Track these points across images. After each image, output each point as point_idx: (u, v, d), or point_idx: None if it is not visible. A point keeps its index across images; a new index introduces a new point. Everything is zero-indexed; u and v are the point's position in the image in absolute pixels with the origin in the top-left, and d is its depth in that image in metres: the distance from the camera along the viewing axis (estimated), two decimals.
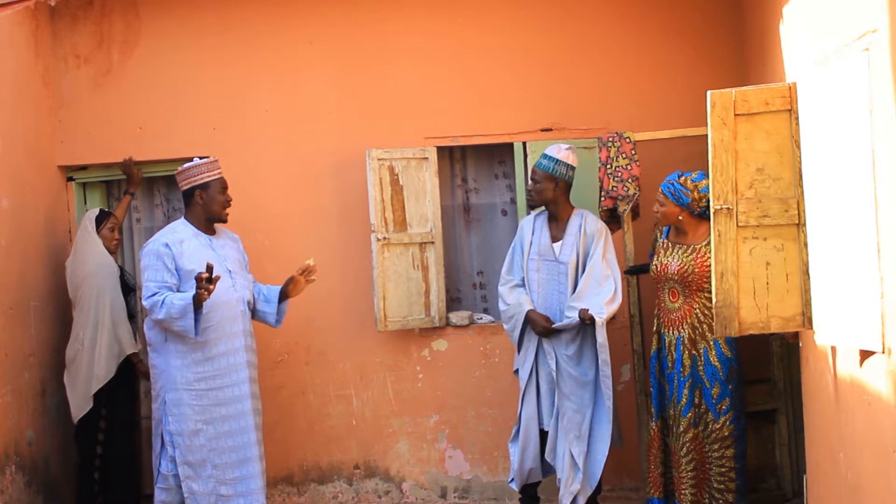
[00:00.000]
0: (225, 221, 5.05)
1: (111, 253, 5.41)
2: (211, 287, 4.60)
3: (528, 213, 5.44)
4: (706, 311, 4.78)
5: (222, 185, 5.01)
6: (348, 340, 5.78)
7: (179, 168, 5.02)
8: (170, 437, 4.81)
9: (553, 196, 5.05)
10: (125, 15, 5.81)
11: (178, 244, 4.87)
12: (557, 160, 5.02)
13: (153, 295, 4.75)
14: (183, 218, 5.04)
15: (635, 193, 5.19)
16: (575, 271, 5.02)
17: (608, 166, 5.22)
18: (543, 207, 5.16)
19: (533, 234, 5.14)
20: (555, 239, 5.09)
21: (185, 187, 4.99)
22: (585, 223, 5.06)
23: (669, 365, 4.90)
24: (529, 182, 5.16)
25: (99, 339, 5.24)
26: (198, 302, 4.63)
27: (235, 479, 4.84)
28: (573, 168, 5.06)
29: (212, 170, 4.98)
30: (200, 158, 5.02)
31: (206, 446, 4.80)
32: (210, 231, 5.02)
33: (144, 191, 6.06)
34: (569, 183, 5.07)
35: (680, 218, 4.88)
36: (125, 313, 5.34)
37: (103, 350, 5.24)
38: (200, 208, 4.97)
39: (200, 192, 4.95)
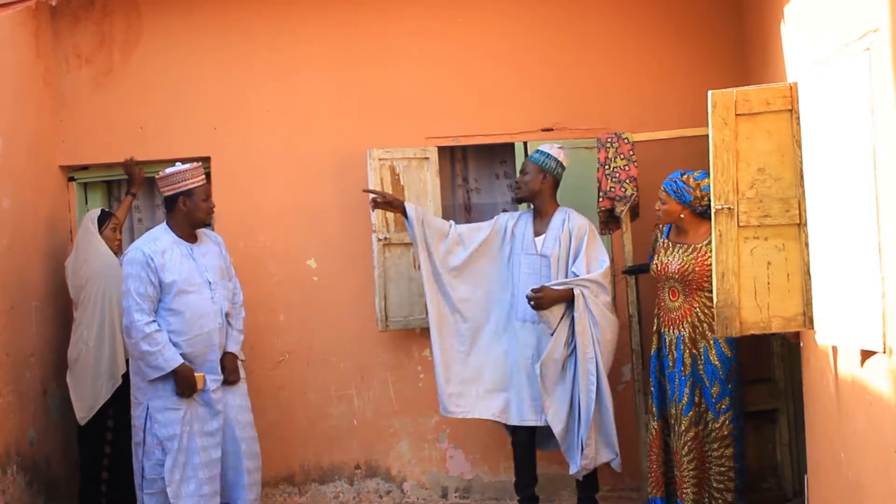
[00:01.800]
0: (193, 233, 4.98)
1: (114, 254, 5.42)
2: (192, 396, 4.78)
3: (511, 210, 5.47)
4: (706, 311, 4.79)
5: (206, 191, 4.95)
6: (349, 340, 5.78)
7: (161, 173, 4.94)
8: (156, 439, 4.77)
9: (540, 188, 5.12)
10: (126, 15, 5.81)
11: (159, 255, 4.81)
12: (549, 154, 5.13)
13: (140, 310, 4.74)
14: (164, 224, 4.98)
15: (633, 194, 5.20)
16: (558, 265, 5.05)
17: (606, 167, 5.24)
18: (528, 205, 5.24)
19: (516, 227, 5.19)
20: (537, 234, 5.14)
21: (167, 193, 4.91)
22: (569, 219, 5.12)
23: (670, 364, 4.91)
24: (518, 175, 5.24)
25: (105, 339, 5.24)
26: (173, 373, 4.75)
27: (217, 483, 4.85)
28: (563, 167, 5.14)
29: (195, 176, 4.91)
30: (183, 163, 4.95)
31: (189, 451, 4.78)
32: (191, 238, 4.97)
33: (145, 191, 6.06)
34: (556, 180, 5.15)
35: (682, 216, 4.88)
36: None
37: (109, 350, 5.23)
38: (184, 215, 4.91)
39: (184, 199, 4.88)
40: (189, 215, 4.91)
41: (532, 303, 4.96)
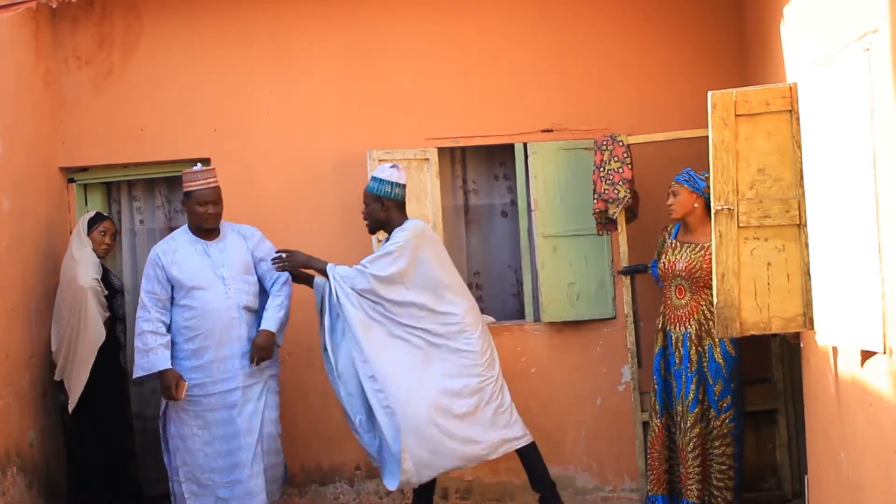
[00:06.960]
0: (207, 231, 5.05)
1: (100, 257, 5.36)
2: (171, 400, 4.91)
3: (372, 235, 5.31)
4: (712, 308, 4.79)
5: (203, 197, 4.98)
6: None
7: (183, 172, 5.12)
8: (171, 436, 4.95)
9: (385, 216, 5.00)
10: (126, 17, 5.81)
11: (171, 253, 4.99)
12: (382, 180, 4.99)
13: (142, 307, 4.93)
14: (186, 224, 5.16)
15: (626, 196, 5.21)
16: None
17: (601, 169, 5.25)
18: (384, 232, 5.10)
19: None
20: None
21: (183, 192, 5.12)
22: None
23: (676, 361, 4.92)
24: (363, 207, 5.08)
25: (78, 337, 5.22)
26: (159, 374, 4.88)
27: (230, 482, 4.92)
28: (401, 185, 5.00)
29: (196, 179, 5.00)
30: (202, 164, 5.07)
31: (202, 450, 4.90)
32: (208, 236, 5.07)
33: (146, 192, 6.07)
34: (397, 200, 5.00)
35: (695, 206, 4.88)
36: (100, 319, 5.27)
37: (79, 345, 5.23)
38: (188, 215, 5.09)
39: (185, 200, 5.08)
40: (188, 216, 5.08)
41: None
